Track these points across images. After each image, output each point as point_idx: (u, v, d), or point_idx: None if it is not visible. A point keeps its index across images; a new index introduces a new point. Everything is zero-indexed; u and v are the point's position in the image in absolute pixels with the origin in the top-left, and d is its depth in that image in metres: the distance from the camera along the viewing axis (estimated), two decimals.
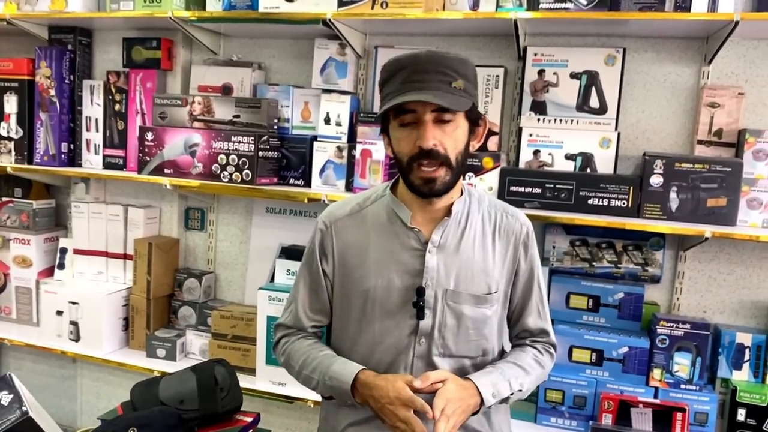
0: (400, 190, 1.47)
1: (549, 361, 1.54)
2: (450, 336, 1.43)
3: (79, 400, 2.90)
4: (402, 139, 1.36)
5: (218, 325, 2.40)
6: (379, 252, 1.44)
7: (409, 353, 1.42)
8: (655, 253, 2.09)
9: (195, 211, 2.66)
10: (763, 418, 1.92)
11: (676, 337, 1.99)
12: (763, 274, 2.04)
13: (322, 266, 1.51)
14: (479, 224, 1.47)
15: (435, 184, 1.35)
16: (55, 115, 2.55)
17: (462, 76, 1.33)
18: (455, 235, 1.44)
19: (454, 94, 1.31)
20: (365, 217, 1.49)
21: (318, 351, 1.49)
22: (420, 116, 1.32)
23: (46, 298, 2.58)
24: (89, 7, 2.47)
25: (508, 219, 1.50)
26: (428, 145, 1.31)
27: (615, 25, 1.97)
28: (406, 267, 1.43)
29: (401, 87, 1.31)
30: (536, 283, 1.53)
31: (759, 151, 1.91)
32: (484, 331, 1.46)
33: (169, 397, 1.56)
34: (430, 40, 2.26)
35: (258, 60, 2.49)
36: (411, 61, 1.33)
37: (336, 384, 1.40)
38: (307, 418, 2.52)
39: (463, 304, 1.43)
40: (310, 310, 1.54)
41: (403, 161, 1.37)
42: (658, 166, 1.94)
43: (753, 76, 2.00)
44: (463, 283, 1.43)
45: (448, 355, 1.43)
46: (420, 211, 1.44)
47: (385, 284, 1.43)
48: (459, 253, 1.43)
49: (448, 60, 1.33)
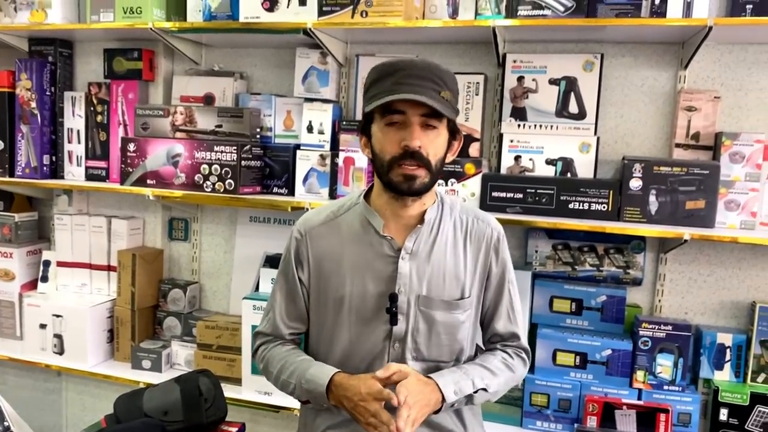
0: (373, 197, 1.51)
1: (521, 365, 1.56)
2: (422, 341, 1.46)
3: (65, 413, 2.88)
4: (386, 139, 1.38)
5: (203, 335, 2.40)
6: (354, 259, 1.47)
7: (384, 357, 1.46)
8: (636, 256, 2.11)
9: (179, 221, 2.65)
10: (745, 417, 1.94)
11: (658, 339, 2.01)
12: (742, 275, 2.07)
13: (298, 274, 1.53)
14: (451, 230, 1.51)
15: (415, 182, 1.38)
16: (36, 127, 2.54)
17: (449, 89, 1.38)
18: (427, 242, 1.47)
19: (442, 103, 1.35)
20: (340, 225, 1.51)
21: (296, 356, 1.52)
22: (408, 118, 1.36)
23: (29, 311, 2.56)
24: (69, 18, 2.46)
25: (479, 224, 1.53)
26: (415, 146, 1.35)
27: (592, 32, 2.00)
28: (379, 274, 1.46)
29: (393, 87, 1.34)
30: (507, 288, 1.55)
31: (735, 154, 1.94)
32: (457, 335, 1.49)
33: (153, 409, 1.55)
34: (411, 48, 2.28)
35: (240, 69, 2.49)
36: (406, 65, 1.36)
37: (312, 387, 1.42)
38: (293, 427, 2.49)
39: (434, 309, 1.46)
40: (287, 318, 1.56)
41: (384, 160, 1.39)
42: (637, 169, 1.96)
43: (728, 79, 2.03)
44: (435, 288, 1.46)
45: (421, 359, 1.47)
46: (393, 219, 1.47)
47: (360, 291, 1.46)
48: (431, 260, 1.47)
49: (440, 71, 1.38)
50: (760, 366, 1.98)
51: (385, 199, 1.46)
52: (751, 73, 2.01)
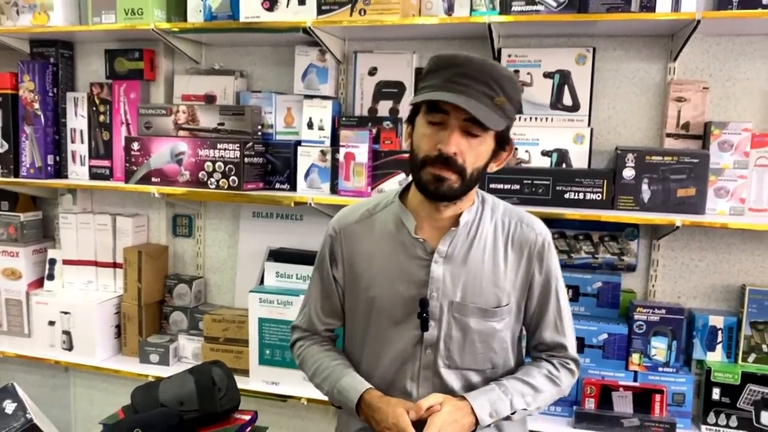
0: (409, 197, 1.45)
1: (567, 377, 1.49)
2: (455, 348, 1.41)
3: (73, 408, 2.93)
4: (425, 136, 1.32)
5: (210, 328, 2.45)
6: (386, 260, 1.43)
7: (416, 363, 1.42)
8: (630, 243, 2.18)
9: (182, 218, 2.70)
10: (736, 396, 2.01)
11: (652, 323, 2.07)
12: (733, 259, 2.14)
13: (332, 272, 1.51)
14: (491, 234, 1.43)
15: (443, 184, 1.30)
16: (39, 127, 2.58)
17: (506, 95, 1.28)
18: (463, 245, 1.41)
19: (494, 110, 1.26)
20: (374, 224, 1.47)
21: (330, 360, 1.50)
22: (451, 120, 1.28)
23: (37, 309, 2.61)
24: (71, 20, 2.50)
25: (523, 228, 1.44)
26: (449, 152, 1.27)
27: (584, 26, 2.05)
28: (411, 277, 1.40)
29: (443, 84, 1.27)
30: (553, 296, 1.47)
31: (724, 142, 2.01)
32: (493, 344, 1.43)
33: (169, 399, 1.61)
34: (408, 44, 2.33)
35: (240, 68, 2.54)
36: (463, 62, 1.27)
37: (343, 399, 1.43)
38: (300, 416, 2.58)
39: (469, 316, 1.40)
40: (322, 314, 1.56)
41: (418, 157, 1.33)
42: (630, 159, 2.03)
43: (716, 70, 2.10)
44: (470, 295, 1.40)
45: (454, 367, 1.42)
46: (428, 220, 1.41)
47: (391, 293, 1.42)
48: (467, 264, 1.40)
49: (500, 75, 1.27)
50: (751, 346, 2.06)
51: (420, 198, 1.39)
52: (739, 64, 2.08)
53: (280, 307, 2.28)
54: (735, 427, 2.02)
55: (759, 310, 2.04)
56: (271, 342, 2.31)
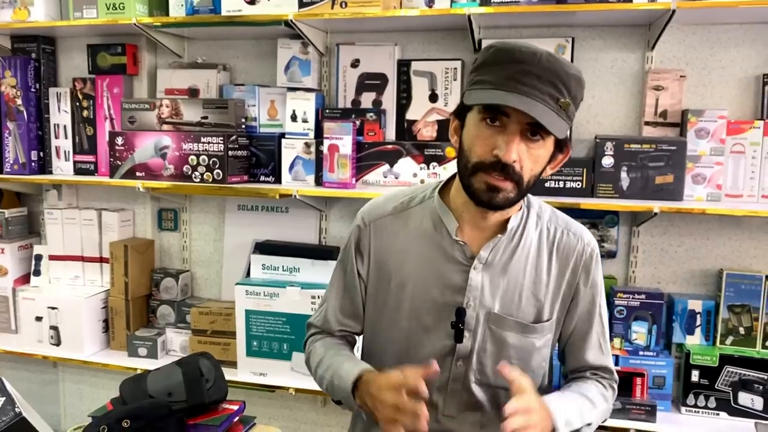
0: (452, 194, 1.32)
1: (612, 397, 1.38)
2: (489, 363, 1.29)
3: (62, 403, 2.94)
4: (479, 138, 1.18)
5: (197, 321, 2.47)
6: (420, 261, 1.31)
7: (445, 373, 1.29)
8: (610, 230, 2.22)
9: (168, 212, 2.71)
10: (715, 378, 2.06)
11: (633, 308, 2.11)
12: (710, 244, 2.18)
13: (357, 266, 1.38)
14: (535, 241, 1.31)
15: (498, 195, 1.18)
16: (22, 123, 2.58)
17: (572, 97, 1.16)
18: (506, 252, 1.29)
19: (558, 114, 1.14)
20: (408, 219, 1.35)
21: (338, 351, 1.38)
22: (510, 124, 1.15)
23: (24, 304, 2.61)
24: (52, 15, 2.50)
25: (569, 237, 1.33)
26: (510, 159, 1.14)
27: (563, 16, 2.07)
28: (447, 281, 1.29)
29: (505, 82, 1.13)
30: (597, 314, 1.36)
31: (701, 130, 2.04)
32: (531, 362, 1.31)
33: (157, 390, 1.62)
34: (389, 36, 2.34)
35: (222, 61, 2.54)
36: (528, 58, 1.12)
37: (340, 383, 1.28)
38: (288, 406, 2.60)
39: (506, 330, 1.29)
40: (341, 314, 1.43)
41: (470, 161, 1.19)
42: (609, 147, 2.06)
43: (693, 59, 2.13)
44: (509, 306, 1.29)
45: (485, 383, 1.31)
46: (470, 223, 1.29)
47: (423, 297, 1.30)
48: (507, 273, 1.29)
49: (566, 73, 1.14)
50: (728, 329, 2.10)
51: (465, 200, 1.26)
52: (714, 53, 2.11)
53: (267, 299, 2.30)
54: (714, 408, 2.07)
55: (736, 293, 2.09)
56: (258, 334, 2.33)
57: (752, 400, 2.04)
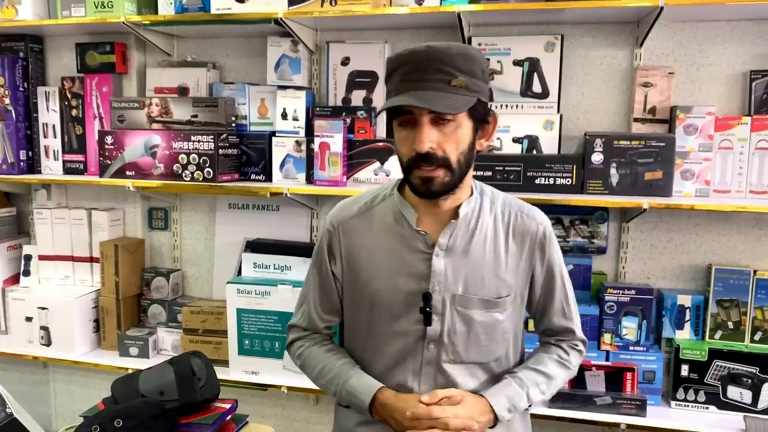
0: (407, 190, 1.40)
1: (576, 357, 1.50)
2: (460, 342, 1.39)
3: (53, 404, 2.93)
4: (401, 141, 1.30)
5: (189, 320, 2.47)
6: (386, 254, 1.41)
7: (417, 358, 1.40)
8: (600, 226, 2.23)
9: (158, 211, 2.70)
10: (704, 372, 2.08)
11: (623, 303, 2.13)
12: (699, 240, 2.20)
13: (330, 267, 1.48)
14: (491, 225, 1.41)
15: (432, 184, 1.28)
16: (11, 123, 2.56)
17: (465, 72, 1.24)
18: (464, 237, 1.39)
19: (453, 93, 1.23)
20: (373, 217, 1.45)
21: (335, 360, 1.48)
22: (417, 117, 1.25)
23: (14, 305, 2.60)
24: (40, 14, 2.48)
25: (523, 219, 1.43)
26: (423, 149, 1.25)
27: (552, 14, 2.08)
28: (412, 270, 1.38)
29: (399, 86, 1.25)
30: (558, 284, 1.47)
31: (689, 126, 2.06)
32: (496, 336, 1.41)
33: (149, 390, 1.62)
34: (379, 34, 2.35)
35: (212, 59, 2.54)
36: (409, 58, 1.25)
37: (354, 399, 1.40)
38: (281, 404, 2.60)
39: (472, 309, 1.38)
40: (322, 311, 1.53)
41: (403, 162, 1.32)
42: (598, 144, 2.07)
43: (681, 56, 2.14)
44: (473, 287, 1.38)
45: (458, 361, 1.40)
46: (427, 213, 1.39)
47: (391, 287, 1.40)
48: (468, 256, 1.38)
49: (449, 56, 1.23)
50: (717, 324, 2.12)
51: None
52: (702, 49, 2.13)
53: (258, 297, 2.30)
54: (703, 402, 2.08)
55: (724, 288, 2.10)
56: (250, 332, 2.33)
57: (741, 394, 2.06)
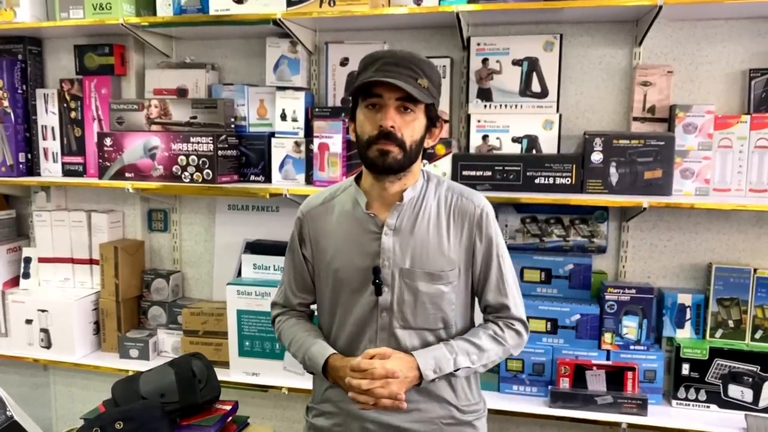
0: (362, 180, 1.62)
1: (513, 337, 1.60)
2: (408, 310, 1.56)
3: (54, 406, 2.92)
4: (366, 121, 1.49)
5: (189, 322, 2.46)
6: (344, 236, 1.59)
7: (373, 325, 1.57)
8: (600, 225, 2.23)
9: (158, 212, 2.70)
10: (705, 371, 2.08)
11: (623, 302, 2.13)
12: (699, 239, 2.20)
13: (302, 251, 1.67)
14: (434, 207, 1.58)
15: (388, 157, 1.47)
16: (10, 125, 2.56)
17: (428, 77, 1.48)
18: (410, 218, 1.56)
19: (419, 89, 1.45)
20: (334, 206, 1.64)
21: (303, 331, 1.67)
22: (385, 101, 1.46)
23: (13, 307, 2.60)
24: (38, 16, 2.48)
25: (463, 201, 1.59)
26: (388, 125, 1.45)
27: (551, 13, 2.08)
28: (365, 248, 1.56)
29: (373, 74, 1.45)
30: (495, 261, 1.60)
31: (689, 125, 2.06)
32: (442, 305, 1.57)
33: (150, 392, 1.62)
34: (378, 34, 2.35)
35: (211, 61, 2.54)
36: (386, 55, 1.48)
37: (312, 365, 1.58)
38: (281, 405, 2.60)
39: (418, 281, 1.55)
40: (296, 289, 1.71)
41: (363, 139, 1.50)
42: (598, 143, 2.07)
43: (680, 54, 2.14)
44: (419, 262, 1.55)
45: (408, 327, 1.56)
46: (378, 198, 1.58)
47: (349, 265, 1.58)
48: (414, 235, 1.56)
49: (419, 60, 1.49)
50: (718, 322, 2.12)
51: (370, 180, 1.57)
52: (701, 48, 2.13)
53: (258, 298, 2.30)
54: (704, 401, 2.08)
55: (725, 287, 2.10)
56: (250, 333, 2.33)
57: (742, 392, 2.05)
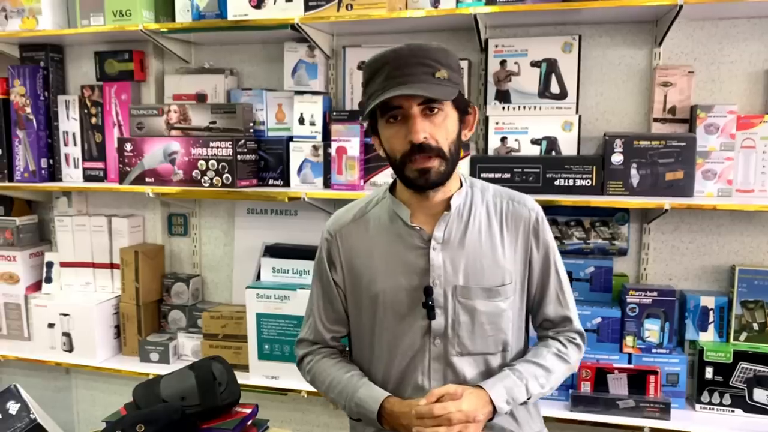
0: (398, 189, 1.45)
1: (575, 352, 1.49)
2: (465, 334, 1.40)
3: (75, 409, 2.95)
4: (392, 137, 1.34)
5: (209, 325, 2.47)
6: (384, 254, 1.43)
7: (425, 355, 1.40)
8: (620, 228, 2.21)
9: (178, 217, 2.72)
10: (729, 374, 2.05)
11: (645, 305, 2.10)
12: (722, 240, 2.16)
13: (332, 276, 1.50)
14: (484, 214, 1.44)
15: (430, 175, 1.32)
16: (32, 131, 2.59)
17: (445, 66, 1.31)
18: (459, 229, 1.41)
19: (439, 84, 1.29)
20: (368, 221, 1.48)
21: (343, 373, 1.48)
22: (407, 111, 1.30)
23: (36, 312, 2.62)
24: (60, 23, 2.51)
25: (515, 206, 1.46)
26: (419, 139, 1.29)
27: (570, 14, 2.07)
28: (411, 267, 1.40)
29: (384, 84, 1.29)
30: (553, 270, 1.48)
31: (710, 125, 2.03)
32: (501, 324, 1.42)
33: (170, 395, 1.62)
34: (395, 37, 2.34)
35: (230, 66, 2.55)
36: (391, 56, 1.30)
37: (363, 411, 1.41)
38: (300, 409, 2.60)
39: (474, 299, 1.39)
40: (327, 321, 1.54)
41: (396, 159, 1.35)
42: (618, 144, 2.05)
43: (701, 54, 2.12)
44: (473, 277, 1.39)
45: (466, 353, 1.41)
46: (420, 209, 1.42)
47: (393, 286, 1.41)
48: (465, 247, 1.40)
49: (430, 51, 1.30)
50: (742, 325, 2.09)
51: (409, 192, 1.41)
52: (722, 47, 2.10)
53: (278, 302, 2.30)
54: (728, 405, 2.05)
55: (749, 289, 2.07)
56: (269, 337, 2.34)
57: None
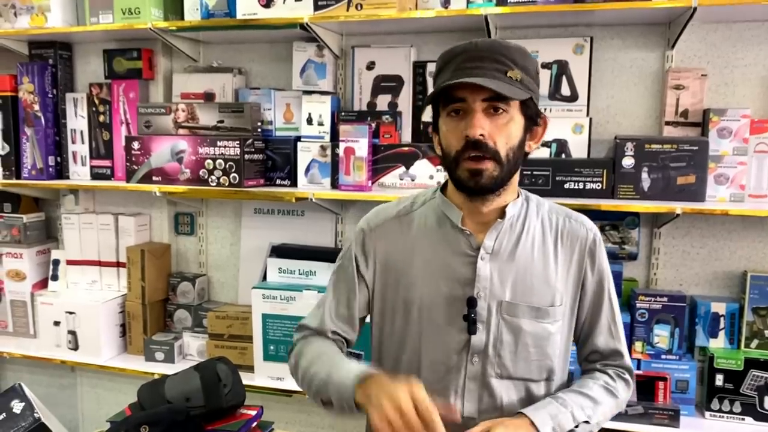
0: (449, 192, 1.35)
1: (624, 388, 1.37)
2: (507, 354, 1.28)
3: (80, 408, 2.95)
4: (450, 132, 1.24)
5: (214, 325, 2.46)
6: (426, 257, 1.32)
7: (461, 373, 1.29)
8: (631, 232, 2.18)
9: (184, 216, 2.71)
10: (739, 382, 2.02)
11: (654, 311, 2.08)
12: (734, 246, 2.14)
13: (359, 271, 1.39)
14: (538, 228, 1.33)
15: (482, 177, 1.21)
16: (40, 129, 2.59)
17: (520, 67, 1.21)
18: (510, 241, 1.30)
19: (510, 83, 1.19)
20: (413, 220, 1.37)
21: (337, 352, 1.34)
22: (470, 105, 1.20)
23: (42, 309, 2.62)
24: (69, 21, 2.51)
25: (572, 224, 1.35)
26: (475, 134, 1.19)
27: (581, 16, 2.05)
28: (455, 274, 1.29)
29: (453, 75, 1.20)
30: (607, 297, 1.37)
31: (723, 129, 2.01)
32: (547, 349, 1.30)
33: (175, 396, 1.61)
34: (405, 38, 2.33)
35: (238, 65, 2.54)
36: (467, 47, 1.22)
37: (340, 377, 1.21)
38: (305, 410, 2.59)
39: (521, 317, 1.28)
40: (337, 317, 1.41)
41: (450, 155, 1.25)
42: (629, 148, 2.03)
43: (714, 57, 2.09)
44: (521, 293, 1.29)
45: (506, 376, 1.29)
46: (471, 215, 1.31)
47: (432, 293, 1.30)
48: (515, 261, 1.29)
49: (507, 49, 1.21)
50: (753, 332, 2.06)
51: (462, 196, 1.30)
52: (736, 50, 2.07)
53: (284, 302, 2.29)
54: (739, 413, 2.03)
55: (761, 295, 2.05)
56: (275, 338, 2.32)
57: None
